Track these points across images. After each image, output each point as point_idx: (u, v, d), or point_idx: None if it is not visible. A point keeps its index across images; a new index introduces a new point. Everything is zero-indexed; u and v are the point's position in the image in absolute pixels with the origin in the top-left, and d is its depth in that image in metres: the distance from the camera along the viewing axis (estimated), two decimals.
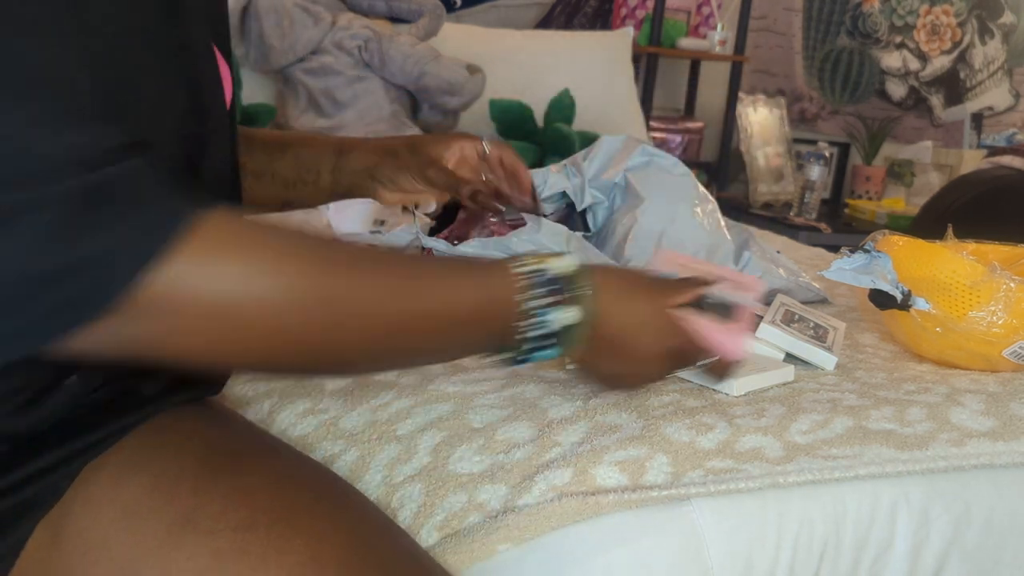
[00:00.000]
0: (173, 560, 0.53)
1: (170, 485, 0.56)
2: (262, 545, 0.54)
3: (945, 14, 3.42)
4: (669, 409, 0.75)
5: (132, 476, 0.56)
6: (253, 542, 0.54)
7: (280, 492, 0.58)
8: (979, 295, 0.87)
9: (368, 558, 0.57)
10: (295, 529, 0.56)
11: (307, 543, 0.55)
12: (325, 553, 0.55)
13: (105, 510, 0.55)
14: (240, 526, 0.55)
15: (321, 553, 0.55)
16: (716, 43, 2.93)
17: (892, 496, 0.71)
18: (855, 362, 0.92)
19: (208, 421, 0.64)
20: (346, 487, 0.65)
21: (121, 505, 0.55)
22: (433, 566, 0.62)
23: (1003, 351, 0.88)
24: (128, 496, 0.55)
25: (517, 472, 0.67)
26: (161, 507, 0.55)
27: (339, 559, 0.55)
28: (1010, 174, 2.42)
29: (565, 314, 0.60)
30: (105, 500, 0.55)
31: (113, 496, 0.55)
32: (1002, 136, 3.37)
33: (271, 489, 0.58)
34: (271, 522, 0.55)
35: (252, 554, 0.54)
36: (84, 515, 0.55)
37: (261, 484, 0.58)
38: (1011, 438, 0.74)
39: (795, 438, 0.71)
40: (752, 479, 0.66)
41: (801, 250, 1.59)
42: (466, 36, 2.35)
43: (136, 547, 0.54)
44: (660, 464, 0.67)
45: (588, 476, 0.65)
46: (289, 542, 0.55)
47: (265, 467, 0.61)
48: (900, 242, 0.94)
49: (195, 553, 0.54)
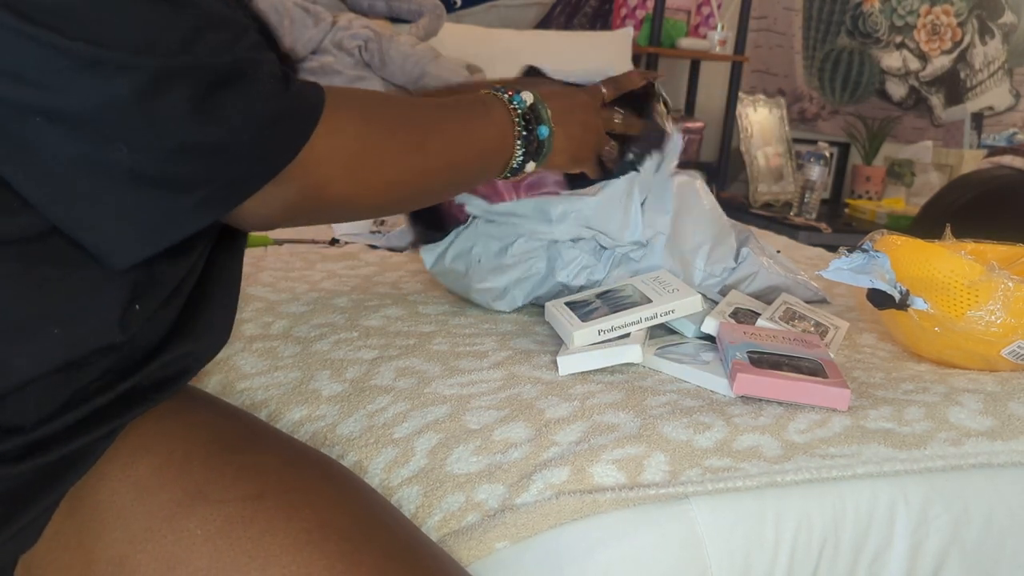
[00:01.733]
0: (184, 528, 0.56)
1: (180, 462, 0.60)
2: (270, 513, 0.57)
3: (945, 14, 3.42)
4: (667, 408, 0.75)
5: (143, 456, 0.60)
6: (261, 510, 0.57)
7: (290, 468, 0.62)
8: (977, 295, 0.87)
9: (372, 530, 0.59)
10: (304, 500, 0.58)
11: (315, 512, 0.58)
12: (332, 522, 0.58)
13: (119, 486, 0.59)
14: (250, 496, 0.58)
15: (328, 521, 0.57)
16: (716, 43, 2.93)
17: (891, 495, 0.70)
18: (853, 362, 0.92)
19: (216, 411, 0.68)
20: (352, 473, 0.67)
21: (134, 481, 0.59)
22: (432, 545, 0.63)
23: (1001, 351, 0.88)
24: (141, 473, 0.59)
25: (515, 471, 0.67)
26: (172, 482, 0.59)
27: (344, 529, 0.58)
28: (1010, 174, 2.42)
29: (542, 128, 0.82)
30: (119, 477, 0.59)
31: (126, 474, 0.59)
32: (1002, 136, 3.37)
33: (281, 465, 0.62)
34: (280, 493, 0.58)
35: (260, 521, 0.56)
36: (100, 489, 0.59)
37: (271, 461, 0.62)
38: (1009, 437, 0.74)
39: (793, 437, 0.71)
40: (750, 478, 0.66)
41: (801, 250, 1.59)
42: (466, 36, 2.35)
43: (150, 517, 0.57)
44: (658, 463, 0.67)
45: (586, 475, 0.65)
46: (298, 511, 0.57)
47: (275, 447, 0.65)
48: (898, 242, 0.94)
49: (205, 520, 0.56)
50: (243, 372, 0.88)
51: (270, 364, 0.88)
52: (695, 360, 0.84)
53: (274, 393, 0.84)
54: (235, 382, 0.87)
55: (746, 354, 0.80)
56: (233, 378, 0.87)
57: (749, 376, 0.76)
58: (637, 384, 0.80)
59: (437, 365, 0.84)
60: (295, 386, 0.84)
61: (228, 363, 0.89)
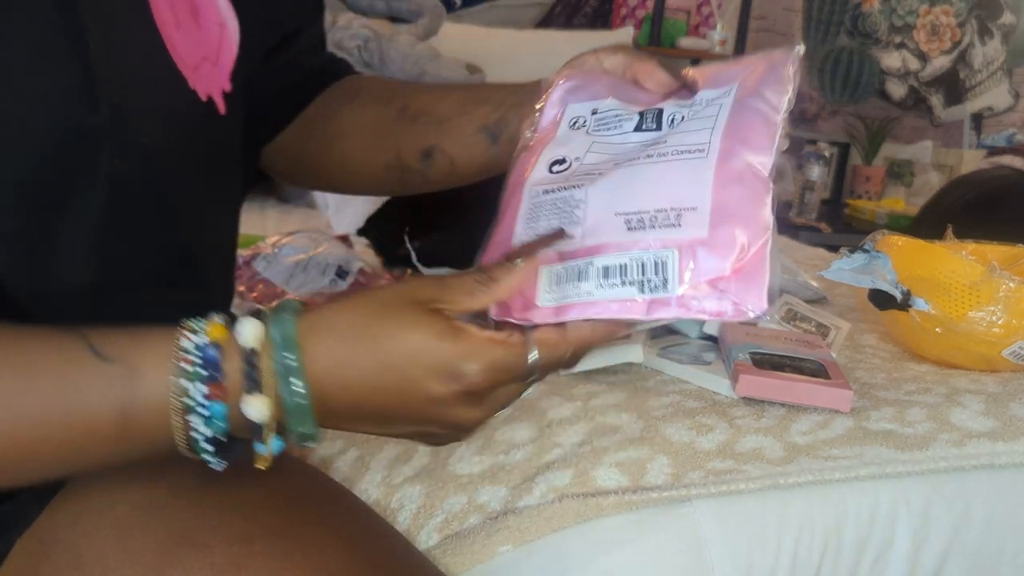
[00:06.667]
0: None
1: (164, 500, 0.54)
2: (260, 559, 0.52)
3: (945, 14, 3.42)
4: (669, 410, 0.75)
5: (122, 494, 0.54)
6: (250, 555, 0.52)
7: (280, 505, 0.56)
8: (979, 295, 0.87)
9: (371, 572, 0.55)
10: (295, 542, 0.53)
11: (307, 556, 0.53)
12: (326, 567, 0.53)
13: (97, 527, 0.53)
14: (237, 539, 0.53)
15: (322, 566, 0.53)
16: (716, 43, 2.93)
17: (892, 496, 0.70)
18: (855, 362, 0.92)
19: None
20: (349, 499, 0.62)
21: (113, 522, 0.53)
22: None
23: (1003, 351, 0.88)
24: (120, 514, 0.53)
25: (517, 473, 0.67)
26: (155, 523, 0.53)
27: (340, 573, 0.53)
28: (1010, 174, 2.42)
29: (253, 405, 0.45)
30: (95, 517, 0.53)
31: (103, 515, 0.53)
32: (1002, 136, 3.37)
33: (270, 503, 0.56)
34: (269, 535, 0.53)
35: (250, 568, 0.52)
36: (73, 531, 0.53)
37: (260, 498, 0.56)
38: (1011, 438, 0.74)
39: (795, 439, 0.71)
40: (752, 480, 0.66)
41: (801, 250, 1.59)
42: (466, 36, 2.34)
43: (132, 564, 0.52)
44: (660, 465, 0.67)
45: (588, 477, 0.65)
46: (289, 555, 0.53)
47: (264, 480, 0.55)
48: (899, 242, 0.94)
49: (191, 568, 0.51)
50: None
51: None
52: (697, 361, 0.84)
53: None
54: None
55: (748, 355, 0.80)
56: None
57: (753, 377, 0.76)
58: (639, 384, 0.80)
59: None
60: None
61: None
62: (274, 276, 1.07)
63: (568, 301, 0.48)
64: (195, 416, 0.44)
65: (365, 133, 0.72)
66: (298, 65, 0.74)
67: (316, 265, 1.07)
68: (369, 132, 0.71)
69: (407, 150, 0.70)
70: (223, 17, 0.60)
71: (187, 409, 0.44)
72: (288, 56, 0.72)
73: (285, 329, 0.45)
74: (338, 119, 0.73)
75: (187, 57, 0.56)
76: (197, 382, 0.44)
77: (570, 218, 0.50)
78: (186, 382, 0.44)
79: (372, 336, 0.45)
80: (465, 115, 0.68)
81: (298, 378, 0.45)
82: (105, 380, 0.43)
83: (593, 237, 0.49)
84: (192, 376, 0.44)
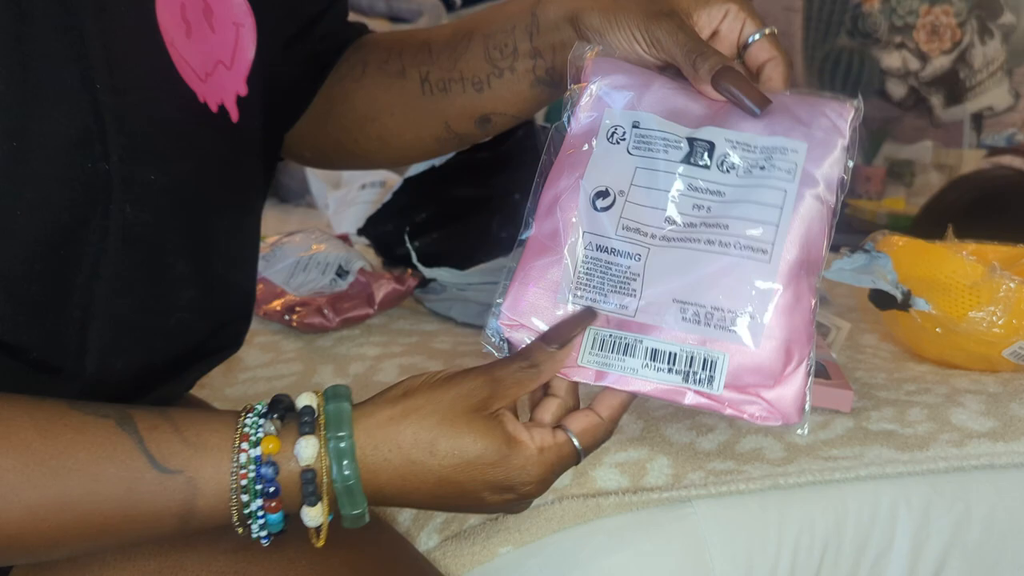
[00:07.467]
0: None
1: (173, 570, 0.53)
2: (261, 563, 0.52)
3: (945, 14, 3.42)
4: (669, 411, 0.75)
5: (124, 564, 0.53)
6: (251, 560, 0.52)
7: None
8: (979, 295, 0.87)
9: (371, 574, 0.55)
10: (296, 546, 0.53)
11: (308, 559, 0.53)
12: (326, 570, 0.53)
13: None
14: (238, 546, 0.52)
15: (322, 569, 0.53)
16: None
17: (892, 497, 0.70)
18: (855, 362, 0.92)
19: None
20: None
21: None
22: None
23: (1003, 351, 0.88)
24: None
25: None
26: None
27: None
28: (1010, 174, 2.42)
29: (311, 515, 0.46)
30: None
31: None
32: (1002, 136, 3.37)
33: None
34: None
35: (251, 574, 0.52)
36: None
37: None
38: (1011, 439, 0.74)
39: (796, 439, 0.71)
40: (753, 480, 0.66)
41: None
42: None
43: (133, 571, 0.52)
44: (661, 466, 0.67)
45: (588, 478, 0.65)
46: (290, 560, 0.53)
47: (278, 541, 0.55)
48: (900, 242, 0.94)
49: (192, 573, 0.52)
50: (245, 364, 0.88)
51: (272, 357, 0.89)
52: None
53: (276, 385, 0.84)
54: (236, 372, 0.87)
55: None
56: (236, 368, 0.88)
57: None
58: None
59: (439, 363, 0.84)
60: (298, 379, 0.84)
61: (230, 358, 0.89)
62: (274, 276, 1.07)
63: (610, 370, 0.50)
64: (254, 523, 0.46)
65: (395, 113, 0.69)
66: (316, 53, 0.70)
67: (316, 265, 1.07)
68: (399, 112, 0.69)
69: (456, 120, 0.67)
70: (238, 16, 0.58)
71: (246, 516, 0.45)
72: (310, 43, 0.69)
73: (343, 450, 0.46)
74: (354, 101, 0.70)
75: (198, 66, 0.54)
76: (256, 497, 0.45)
77: (625, 289, 0.51)
78: (245, 496, 0.45)
79: (433, 455, 0.47)
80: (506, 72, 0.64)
81: (358, 495, 0.46)
82: (166, 491, 0.44)
83: (646, 315, 0.50)
84: (251, 492, 0.45)
